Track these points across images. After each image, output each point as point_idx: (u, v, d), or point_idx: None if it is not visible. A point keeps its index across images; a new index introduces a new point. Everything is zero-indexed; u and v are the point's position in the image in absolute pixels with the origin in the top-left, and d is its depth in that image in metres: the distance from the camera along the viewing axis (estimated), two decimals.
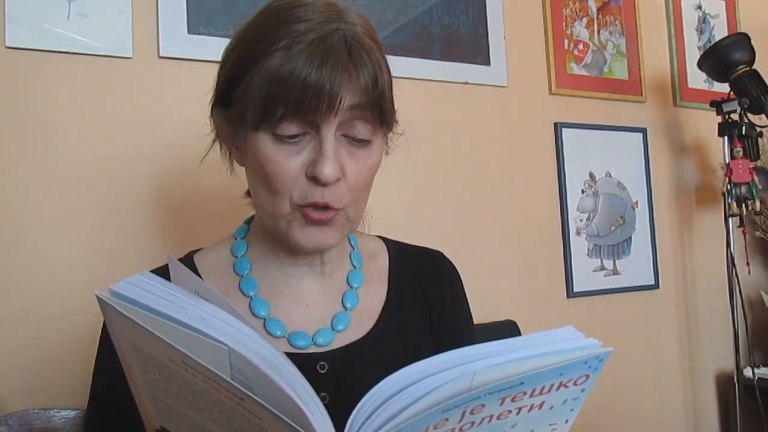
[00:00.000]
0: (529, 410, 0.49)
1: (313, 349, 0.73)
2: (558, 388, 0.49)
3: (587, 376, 0.50)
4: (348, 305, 0.76)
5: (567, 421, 0.53)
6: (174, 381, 0.45)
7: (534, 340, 0.49)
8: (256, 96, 0.65)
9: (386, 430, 0.43)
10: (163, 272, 0.76)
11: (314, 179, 0.65)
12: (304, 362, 0.70)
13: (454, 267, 0.87)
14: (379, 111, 0.68)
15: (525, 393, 0.47)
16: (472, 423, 0.47)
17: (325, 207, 0.67)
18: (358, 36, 0.67)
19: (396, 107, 0.74)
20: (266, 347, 0.45)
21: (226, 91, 0.70)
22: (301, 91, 0.63)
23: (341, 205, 0.68)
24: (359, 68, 0.65)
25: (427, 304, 0.81)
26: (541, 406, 0.50)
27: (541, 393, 0.48)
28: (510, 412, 0.48)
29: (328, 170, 0.64)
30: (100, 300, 0.43)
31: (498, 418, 0.48)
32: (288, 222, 0.68)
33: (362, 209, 0.74)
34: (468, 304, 0.86)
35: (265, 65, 0.64)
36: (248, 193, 0.82)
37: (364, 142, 0.69)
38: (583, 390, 0.51)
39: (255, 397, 0.41)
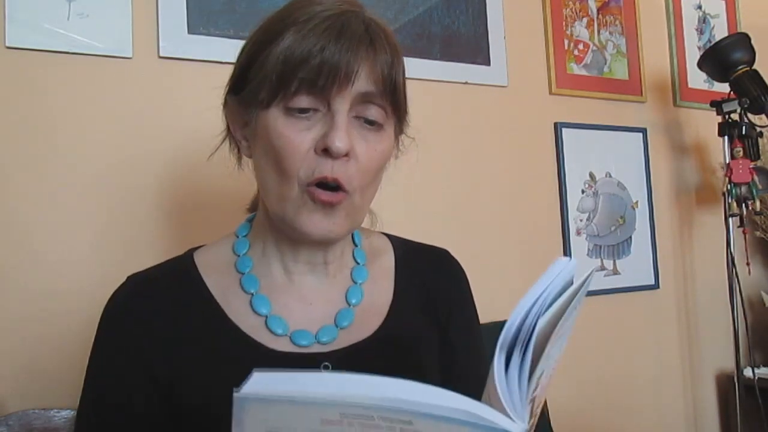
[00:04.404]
0: (558, 339, 0.52)
1: (316, 348, 0.71)
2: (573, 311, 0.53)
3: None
4: (352, 301, 0.75)
5: (566, 339, 0.57)
6: None
7: (549, 278, 0.53)
8: (270, 71, 0.65)
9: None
10: (166, 267, 0.76)
11: (325, 152, 0.65)
12: (306, 362, 0.69)
13: (460, 265, 0.86)
14: (393, 95, 0.68)
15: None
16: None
17: (335, 184, 0.66)
18: (377, 21, 0.68)
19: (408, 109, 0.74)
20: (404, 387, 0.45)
21: (241, 76, 0.70)
22: (318, 63, 0.63)
23: (350, 185, 0.67)
24: (377, 47, 0.66)
25: (433, 303, 0.80)
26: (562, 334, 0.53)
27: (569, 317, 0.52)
28: (552, 345, 0.51)
29: (339, 141, 0.64)
30: (237, 400, 0.43)
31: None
32: (296, 207, 0.67)
33: (369, 200, 0.73)
34: (474, 302, 0.85)
35: (281, 41, 0.65)
36: (250, 209, 0.81)
37: (376, 126, 0.68)
38: (578, 311, 0.56)
39: (430, 413, 0.42)
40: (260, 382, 0.43)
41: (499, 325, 0.50)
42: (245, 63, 0.70)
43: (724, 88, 1.78)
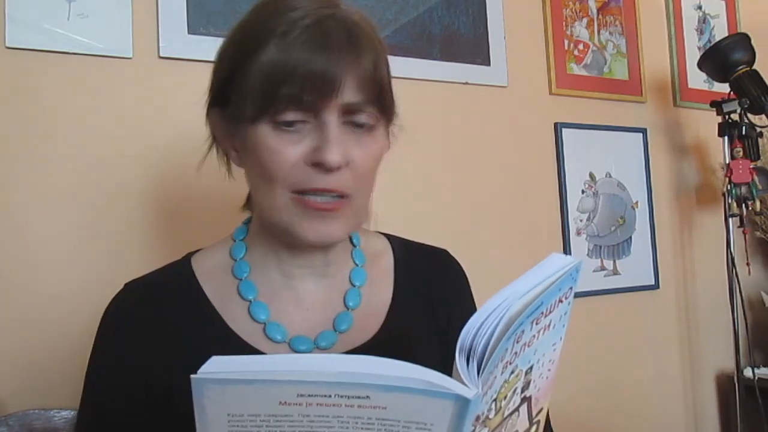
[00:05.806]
0: (544, 332, 0.52)
1: (315, 354, 0.70)
2: (557, 305, 0.53)
3: (571, 288, 0.55)
4: (350, 304, 0.74)
5: (561, 338, 0.58)
6: (273, 429, 0.46)
7: (536, 272, 0.52)
8: (254, 87, 0.63)
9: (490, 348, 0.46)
10: (163, 274, 0.76)
11: (318, 166, 0.63)
12: None
13: (460, 265, 0.85)
14: (380, 99, 0.67)
15: (543, 313, 0.51)
16: (516, 353, 0.49)
17: (333, 195, 0.65)
18: (356, 21, 0.66)
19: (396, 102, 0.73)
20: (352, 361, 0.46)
21: (223, 90, 0.69)
22: (303, 76, 0.61)
23: (351, 190, 0.66)
24: (360, 52, 0.64)
25: (433, 304, 0.79)
26: (548, 326, 0.53)
27: (550, 312, 0.52)
28: (535, 336, 0.51)
29: (333, 156, 0.62)
30: (196, 382, 0.42)
31: (528, 345, 0.51)
32: (290, 215, 0.66)
33: (367, 201, 0.72)
34: (474, 302, 0.85)
35: (262, 55, 0.63)
36: (244, 207, 0.81)
37: (368, 127, 0.67)
38: (569, 303, 0.56)
39: (383, 384, 0.42)
40: (217, 365, 0.43)
41: None
42: (225, 77, 0.68)
43: (724, 88, 1.77)
